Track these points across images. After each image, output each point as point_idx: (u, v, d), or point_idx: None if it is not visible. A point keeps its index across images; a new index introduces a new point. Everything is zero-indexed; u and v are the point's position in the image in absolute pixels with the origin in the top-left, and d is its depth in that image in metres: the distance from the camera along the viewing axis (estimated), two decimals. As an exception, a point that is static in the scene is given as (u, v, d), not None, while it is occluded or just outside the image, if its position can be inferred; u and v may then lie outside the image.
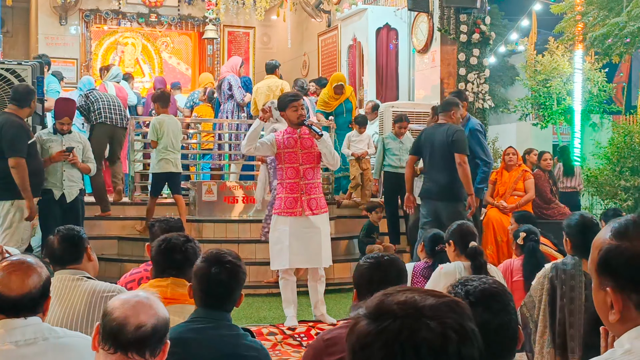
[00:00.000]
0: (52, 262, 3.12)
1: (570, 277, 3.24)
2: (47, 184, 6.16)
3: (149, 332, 1.83)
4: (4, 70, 6.47)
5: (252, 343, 2.51)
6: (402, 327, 1.04)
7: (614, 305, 1.40)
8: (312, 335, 5.20)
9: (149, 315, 1.85)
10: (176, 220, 3.82)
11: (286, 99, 5.53)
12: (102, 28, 12.90)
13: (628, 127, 8.29)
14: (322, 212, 5.55)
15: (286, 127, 5.61)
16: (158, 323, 1.86)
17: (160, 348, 1.88)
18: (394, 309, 1.06)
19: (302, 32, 13.23)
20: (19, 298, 2.17)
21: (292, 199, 5.46)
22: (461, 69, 8.55)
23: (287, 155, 5.48)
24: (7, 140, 5.56)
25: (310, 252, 5.45)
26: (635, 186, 7.66)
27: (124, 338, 1.82)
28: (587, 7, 9.79)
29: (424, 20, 9.06)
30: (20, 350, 2.14)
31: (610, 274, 1.41)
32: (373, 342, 1.04)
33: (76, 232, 3.17)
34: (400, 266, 2.59)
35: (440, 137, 5.96)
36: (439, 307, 1.07)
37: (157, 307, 1.90)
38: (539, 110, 10.36)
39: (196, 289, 2.53)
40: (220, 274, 2.49)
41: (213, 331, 2.44)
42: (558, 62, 9.93)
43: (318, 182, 5.60)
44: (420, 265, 4.88)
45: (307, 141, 5.49)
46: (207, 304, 2.50)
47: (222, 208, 7.76)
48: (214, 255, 2.56)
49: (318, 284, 5.57)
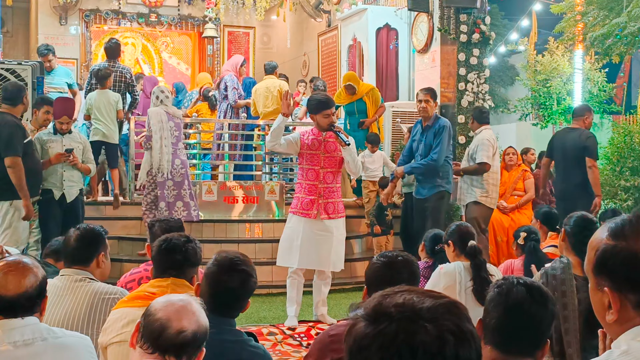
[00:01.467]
0: (62, 256, 3.11)
1: (561, 282, 3.23)
2: (47, 184, 6.15)
3: (189, 338, 1.84)
4: (4, 70, 6.47)
5: (256, 348, 2.49)
6: (399, 329, 1.04)
7: (612, 305, 1.39)
8: (312, 335, 5.21)
9: (191, 322, 1.86)
10: (176, 220, 3.83)
11: (319, 104, 5.46)
12: (102, 28, 12.90)
13: (628, 127, 8.29)
14: (339, 217, 5.55)
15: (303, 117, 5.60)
16: (199, 330, 1.87)
17: (197, 354, 1.89)
18: (391, 311, 1.06)
19: (302, 32, 13.23)
20: (16, 298, 2.18)
21: (308, 200, 5.45)
22: (461, 69, 8.55)
23: (309, 157, 5.48)
24: (3, 139, 5.55)
25: (320, 255, 5.45)
26: (635, 186, 7.66)
27: (164, 341, 1.82)
28: (587, 7, 9.80)
29: (424, 20, 9.06)
30: (18, 351, 2.14)
31: (607, 274, 1.41)
32: (370, 344, 1.05)
33: (95, 235, 3.13)
34: (413, 267, 2.57)
35: (572, 141, 6.53)
36: (436, 309, 1.06)
37: (200, 314, 1.91)
38: (539, 110, 10.35)
39: (204, 291, 2.50)
40: (231, 282, 2.46)
41: (216, 336, 2.37)
42: (558, 62, 9.93)
43: (337, 187, 5.59)
44: (421, 265, 4.89)
45: (331, 145, 5.48)
46: (213, 309, 2.46)
47: (222, 208, 7.76)
48: (227, 260, 2.52)
49: (323, 284, 5.58)
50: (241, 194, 7.81)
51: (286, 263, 5.53)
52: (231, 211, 7.78)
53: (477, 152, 6.79)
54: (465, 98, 8.52)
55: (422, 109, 6.43)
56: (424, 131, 6.47)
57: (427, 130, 6.44)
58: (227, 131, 8.95)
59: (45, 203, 6.06)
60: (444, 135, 6.30)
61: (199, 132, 9.48)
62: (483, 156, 6.76)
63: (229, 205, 7.80)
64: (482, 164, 6.76)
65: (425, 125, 6.45)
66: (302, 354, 4.66)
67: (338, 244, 5.52)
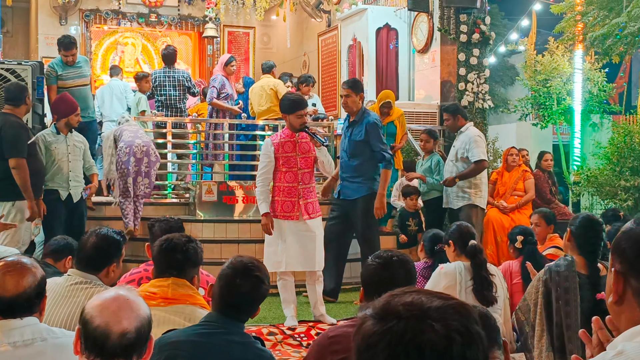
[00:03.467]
0: (76, 257, 3.08)
1: (564, 279, 3.23)
2: (53, 185, 6.11)
3: (133, 337, 1.76)
4: (4, 70, 6.47)
5: (262, 351, 2.50)
6: (407, 328, 1.04)
7: (614, 286, 1.43)
8: (312, 335, 5.20)
9: (131, 319, 1.77)
10: (176, 220, 3.83)
11: (293, 104, 5.41)
12: (102, 28, 12.90)
13: (628, 127, 8.28)
14: (317, 216, 5.58)
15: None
16: (141, 325, 1.79)
17: (146, 347, 1.82)
18: (400, 310, 1.07)
19: (302, 32, 13.23)
20: (14, 298, 2.18)
21: (289, 202, 5.45)
22: (461, 69, 8.55)
23: (285, 159, 5.45)
24: (8, 141, 5.53)
25: (305, 256, 5.46)
26: (635, 186, 7.65)
27: (109, 348, 1.75)
28: (587, 7, 9.79)
29: (424, 20, 9.07)
30: (18, 352, 2.14)
31: (619, 254, 1.45)
32: (377, 342, 1.05)
33: (110, 244, 3.05)
34: (409, 267, 2.57)
35: None
36: (445, 309, 1.07)
37: (138, 307, 1.81)
38: (539, 110, 10.35)
39: (216, 293, 2.50)
40: (244, 287, 2.47)
41: (223, 336, 2.41)
42: (558, 62, 9.93)
43: (313, 186, 5.61)
44: (420, 265, 4.89)
45: (305, 145, 5.47)
46: (223, 311, 2.48)
47: (222, 208, 7.76)
48: (242, 264, 2.52)
49: (316, 285, 5.58)
50: (241, 194, 7.80)
51: (275, 268, 5.49)
52: (231, 211, 7.78)
53: (471, 150, 6.62)
54: (465, 98, 8.52)
55: (343, 104, 6.08)
56: (350, 126, 6.10)
57: (353, 125, 6.06)
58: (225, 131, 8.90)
59: (51, 204, 6.01)
60: (379, 132, 5.98)
61: (199, 132, 9.47)
62: (480, 153, 6.62)
63: (229, 205, 7.80)
64: (480, 161, 6.60)
65: (352, 120, 6.07)
66: (302, 354, 4.66)
67: (320, 243, 5.55)
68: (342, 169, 6.17)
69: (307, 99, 7.91)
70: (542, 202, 7.85)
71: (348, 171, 6.11)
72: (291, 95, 5.88)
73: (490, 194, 8.04)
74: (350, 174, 6.09)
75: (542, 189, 8.00)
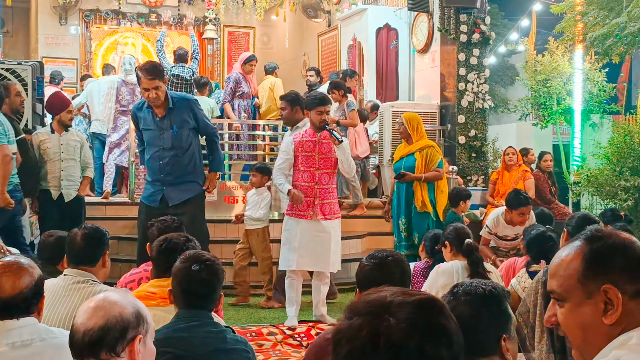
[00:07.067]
0: (68, 256, 3.09)
1: None
2: (45, 184, 6.11)
3: (96, 334, 1.78)
4: (4, 70, 6.47)
5: (236, 337, 2.57)
6: (364, 323, 1.09)
7: (615, 300, 1.36)
8: (312, 335, 5.21)
9: (97, 318, 1.80)
10: (173, 220, 3.82)
11: (314, 101, 5.49)
12: (102, 28, 12.89)
13: (628, 127, 8.27)
14: (335, 218, 5.58)
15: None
16: (108, 322, 1.80)
17: (124, 344, 1.81)
18: (361, 307, 1.12)
19: (302, 32, 13.23)
20: (11, 299, 2.18)
21: (305, 202, 5.46)
22: (461, 69, 8.55)
23: (304, 159, 5.49)
24: None
25: (318, 256, 5.46)
26: (635, 186, 7.64)
27: (76, 346, 1.81)
28: (587, 7, 9.78)
29: (424, 20, 9.06)
30: (16, 352, 2.14)
31: (604, 272, 1.38)
32: (340, 339, 1.10)
33: (100, 235, 3.14)
34: (404, 267, 2.58)
35: None
36: (406, 305, 1.10)
37: (110, 307, 1.83)
38: (539, 110, 10.34)
39: (177, 290, 2.54)
40: (202, 272, 2.51)
41: (200, 329, 2.46)
42: (558, 62, 9.91)
43: (333, 188, 5.60)
44: (421, 265, 4.89)
45: (326, 146, 5.49)
46: (189, 304, 2.52)
47: (222, 208, 7.76)
48: (192, 255, 2.59)
49: (322, 285, 5.59)
50: (241, 194, 7.81)
51: (286, 266, 5.53)
52: (231, 211, 7.78)
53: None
54: (465, 98, 8.52)
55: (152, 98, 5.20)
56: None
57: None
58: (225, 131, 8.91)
59: (43, 203, 6.03)
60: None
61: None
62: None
63: (229, 205, 7.80)
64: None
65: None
66: (302, 354, 4.66)
67: (335, 244, 5.54)
68: None
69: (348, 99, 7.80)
70: (542, 202, 7.86)
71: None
72: (316, 93, 5.92)
73: (490, 194, 8.04)
74: None
75: (542, 189, 8.00)
